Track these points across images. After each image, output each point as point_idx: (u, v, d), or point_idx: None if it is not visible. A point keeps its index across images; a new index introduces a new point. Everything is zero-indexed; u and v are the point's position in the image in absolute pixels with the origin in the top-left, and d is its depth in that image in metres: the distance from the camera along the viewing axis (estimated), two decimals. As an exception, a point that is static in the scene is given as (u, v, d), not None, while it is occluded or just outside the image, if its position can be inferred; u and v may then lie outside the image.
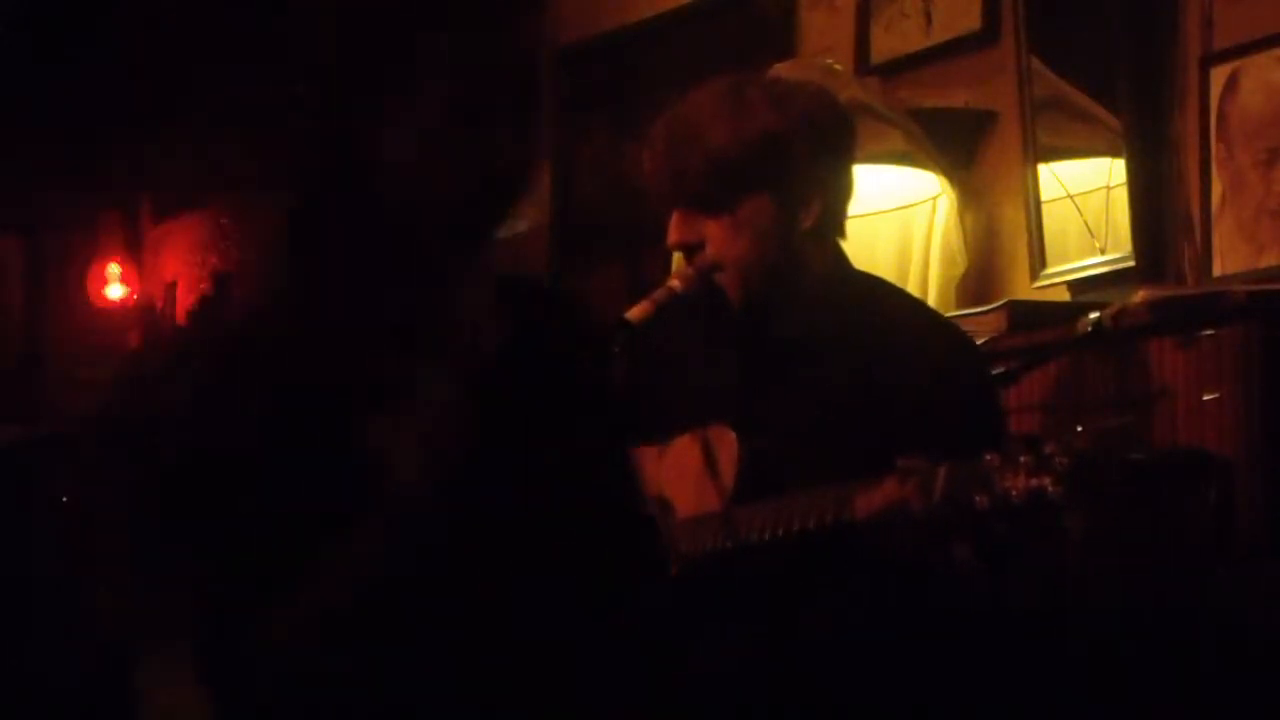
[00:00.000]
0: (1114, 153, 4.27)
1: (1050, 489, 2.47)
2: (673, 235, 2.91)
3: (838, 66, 4.55)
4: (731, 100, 2.88)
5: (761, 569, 2.77)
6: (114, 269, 8.41)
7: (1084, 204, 4.33)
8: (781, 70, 4.32)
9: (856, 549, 2.66)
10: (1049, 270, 4.34)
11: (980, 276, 4.48)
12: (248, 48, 7.46)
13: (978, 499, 2.51)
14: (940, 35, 4.72)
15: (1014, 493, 2.49)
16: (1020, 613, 3.10)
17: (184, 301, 8.08)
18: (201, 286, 7.94)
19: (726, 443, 2.83)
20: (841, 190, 2.93)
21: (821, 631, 2.77)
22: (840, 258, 2.97)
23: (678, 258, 3.04)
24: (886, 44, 4.85)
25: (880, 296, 3.00)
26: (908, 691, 2.79)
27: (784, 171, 2.86)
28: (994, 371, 3.54)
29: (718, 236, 2.87)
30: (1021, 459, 2.50)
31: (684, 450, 2.89)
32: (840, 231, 2.96)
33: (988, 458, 2.52)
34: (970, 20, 4.64)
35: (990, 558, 2.74)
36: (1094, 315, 3.64)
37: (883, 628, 2.77)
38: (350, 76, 2.22)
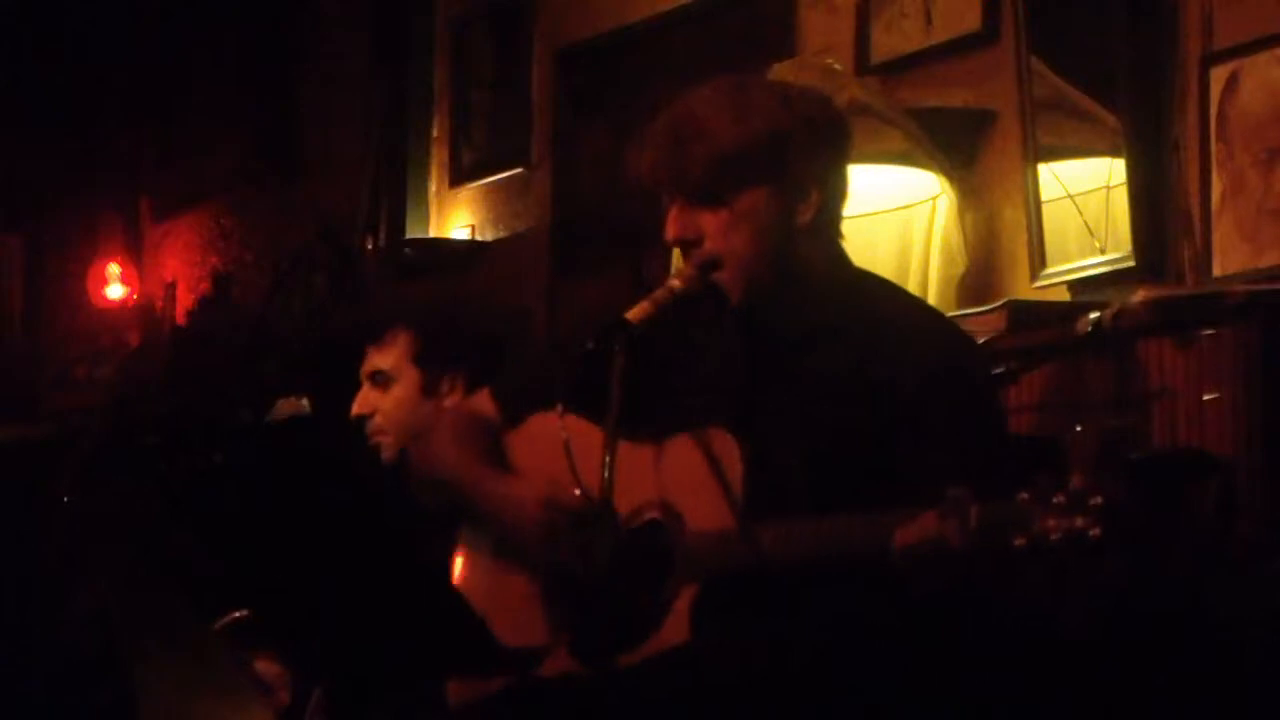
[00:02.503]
0: (1114, 153, 4.27)
1: (1091, 532, 2.46)
2: (671, 230, 2.92)
3: (838, 66, 4.55)
4: (736, 96, 2.89)
5: (787, 589, 2.76)
6: (114, 269, 8.41)
7: (1084, 204, 4.33)
8: (781, 70, 4.33)
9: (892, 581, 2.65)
10: (1049, 270, 4.34)
11: (980, 276, 4.48)
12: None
13: (1016, 540, 2.50)
14: (940, 35, 4.72)
15: (1052, 535, 2.48)
16: (1020, 613, 3.09)
17: (184, 301, 8.08)
18: (201, 286, 7.95)
19: (728, 449, 2.82)
20: (839, 188, 2.94)
21: (834, 637, 2.77)
22: (841, 256, 2.97)
23: (677, 256, 3.04)
24: (886, 44, 4.85)
25: (881, 294, 3.00)
26: (911, 694, 2.79)
27: (783, 165, 2.87)
28: (994, 371, 3.54)
29: (716, 230, 2.87)
30: (1055, 500, 2.48)
31: (683, 453, 2.87)
32: (838, 230, 2.96)
33: (1021, 496, 2.51)
34: (970, 20, 4.64)
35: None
36: (1094, 315, 3.64)
37: (887, 629, 2.77)
38: None
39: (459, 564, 3.10)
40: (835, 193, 2.94)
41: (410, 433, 3.45)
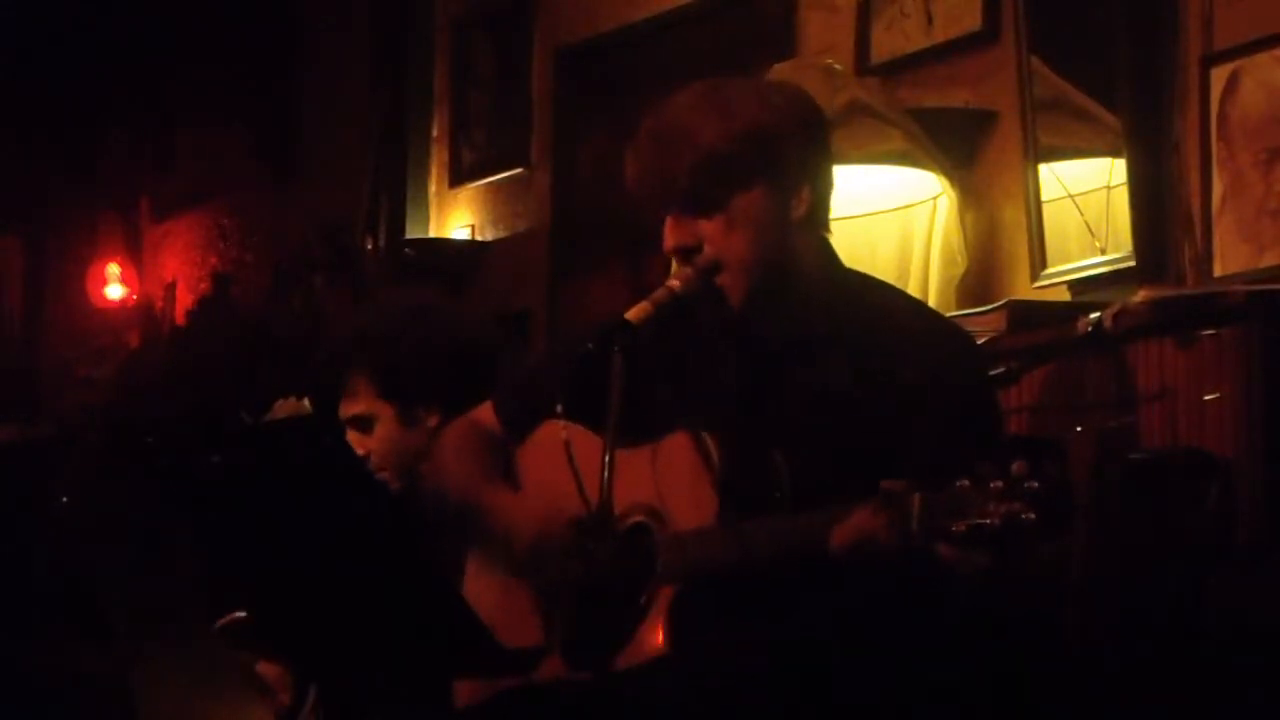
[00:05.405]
0: (1114, 153, 4.27)
1: (1024, 516, 2.47)
2: (669, 240, 2.91)
3: (838, 66, 4.55)
4: (714, 99, 2.88)
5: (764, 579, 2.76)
6: (114, 269, 8.41)
7: (1084, 204, 4.34)
8: (781, 70, 4.33)
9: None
10: (1049, 270, 4.34)
11: (980, 276, 4.49)
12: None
13: (954, 527, 2.52)
14: (940, 35, 4.72)
15: (990, 520, 2.49)
16: (1019, 613, 3.10)
17: (183, 301, 8.08)
18: (201, 286, 7.95)
19: (717, 451, 2.82)
20: (826, 181, 2.95)
21: (821, 634, 2.77)
22: (831, 254, 2.98)
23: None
24: (886, 44, 4.86)
25: (876, 294, 3.00)
26: (906, 695, 2.79)
27: (774, 162, 2.86)
28: (994, 371, 3.54)
29: (715, 236, 2.87)
30: (993, 485, 2.50)
31: (677, 456, 2.87)
32: (827, 226, 2.97)
33: (960, 484, 2.52)
34: (970, 20, 4.64)
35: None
36: (1094, 315, 3.64)
37: (881, 630, 2.77)
38: None
39: (469, 574, 3.10)
40: (824, 186, 2.94)
41: (406, 462, 3.46)
